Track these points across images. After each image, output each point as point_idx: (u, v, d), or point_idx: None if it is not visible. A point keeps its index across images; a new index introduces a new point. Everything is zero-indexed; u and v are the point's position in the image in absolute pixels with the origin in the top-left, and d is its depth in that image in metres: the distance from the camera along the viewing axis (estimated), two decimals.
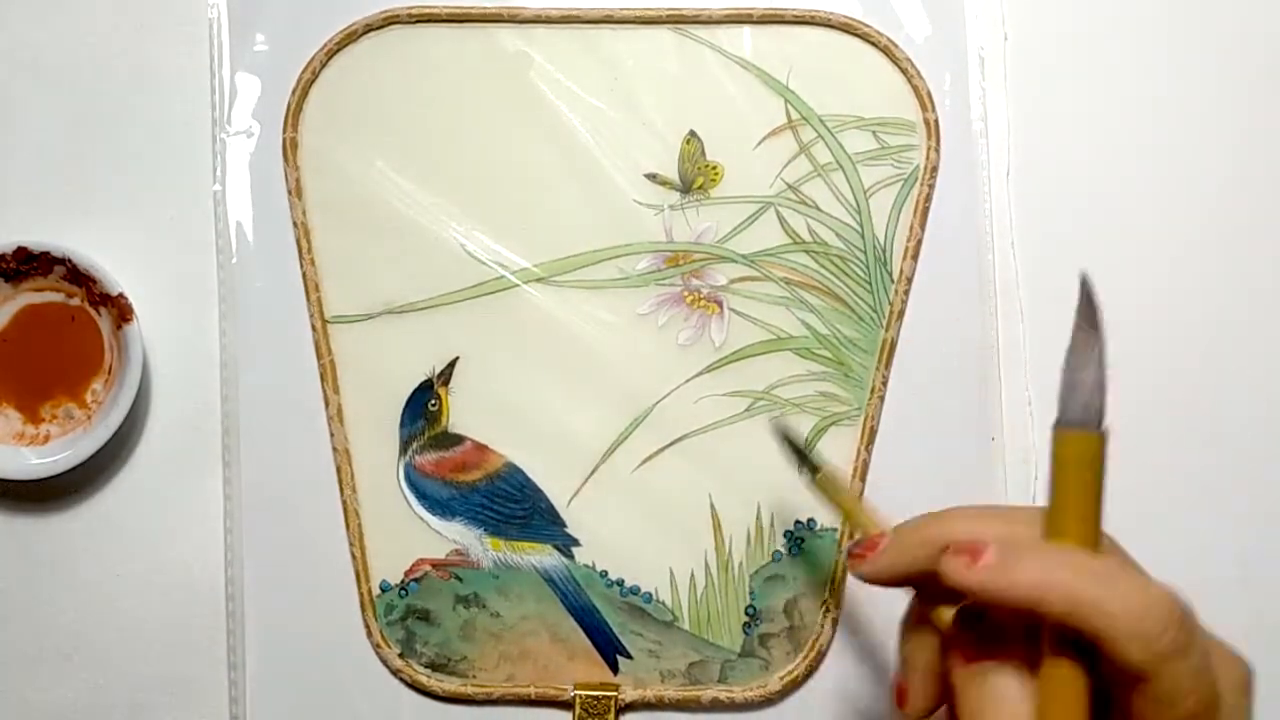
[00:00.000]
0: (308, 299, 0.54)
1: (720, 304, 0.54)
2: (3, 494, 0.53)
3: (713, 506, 0.53)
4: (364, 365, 0.54)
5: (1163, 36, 0.56)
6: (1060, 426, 0.36)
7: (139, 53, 0.55)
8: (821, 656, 0.53)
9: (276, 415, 0.53)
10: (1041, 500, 0.54)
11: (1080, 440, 0.36)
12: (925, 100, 0.55)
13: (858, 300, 0.54)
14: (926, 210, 0.54)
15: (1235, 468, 0.54)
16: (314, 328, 0.54)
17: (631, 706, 0.52)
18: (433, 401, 0.53)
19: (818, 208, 0.54)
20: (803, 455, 0.47)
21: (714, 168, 0.55)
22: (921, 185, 0.54)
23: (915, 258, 0.54)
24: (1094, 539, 0.36)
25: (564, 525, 0.53)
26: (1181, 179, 0.55)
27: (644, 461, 0.53)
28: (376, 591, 0.53)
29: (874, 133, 0.55)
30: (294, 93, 0.54)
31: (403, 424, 0.53)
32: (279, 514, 0.53)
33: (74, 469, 0.51)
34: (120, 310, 0.51)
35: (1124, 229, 0.55)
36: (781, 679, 0.52)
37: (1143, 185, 0.55)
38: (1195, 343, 0.55)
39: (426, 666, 0.53)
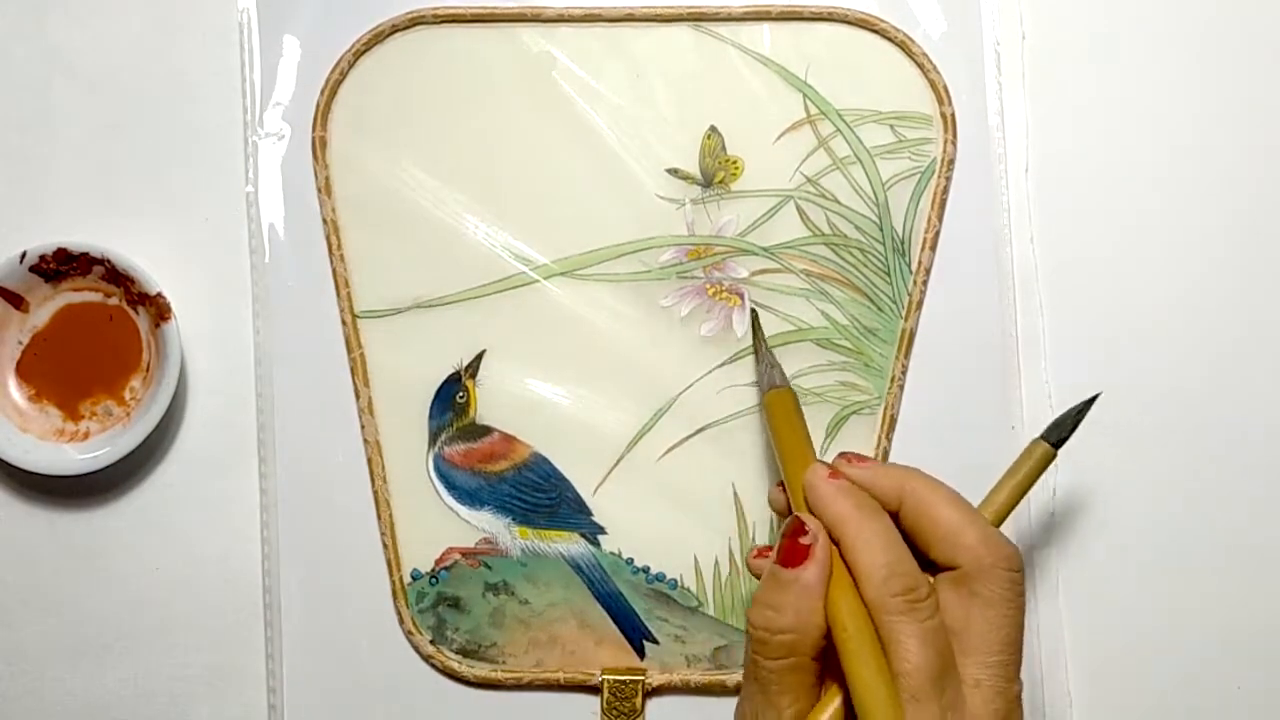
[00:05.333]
0: (338, 295, 0.54)
1: (742, 296, 0.55)
2: (43, 489, 0.54)
3: (736, 494, 0.54)
4: (393, 359, 0.54)
5: (1180, 32, 0.56)
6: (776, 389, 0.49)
7: (172, 57, 0.56)
8: None
9: (309, 409, 0.54)
10: (1061, 493, 0.54)
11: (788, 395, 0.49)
12: (942, 94, 0.55)
13: (877, 291, 0.55)
14: (944, 202, 0.55)
15: (1256, 460, 0.54)
16: (344, 323, 0.54)
17: (658, 691, 0.53)
18: (460, 394, 0.54)
19: (837, 200, 0.55)
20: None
21: (734, 162, 0.55)
22: (939, 178, 0.55)
23: (934, 248, 0.55)
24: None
25: (590, 514, 0.54)
26: (1200, 174, 0.55)
27: (668, 451, 0.54)
28: (408, 580, 0.54)
29: (891, 126, 0.55)
30: (323, 92, 0.55)
31: (431, 416, 0.54)
32: (313, 505, 0.54)
33: (113, 465, 0.52)
34: (159, 309, 0.52)
35: (1143, 225, 0.55)
36: None
37: (1162, 181, 0.55)
38: (1215, 337, 0.55)
39: (457, 653, 0.53)
